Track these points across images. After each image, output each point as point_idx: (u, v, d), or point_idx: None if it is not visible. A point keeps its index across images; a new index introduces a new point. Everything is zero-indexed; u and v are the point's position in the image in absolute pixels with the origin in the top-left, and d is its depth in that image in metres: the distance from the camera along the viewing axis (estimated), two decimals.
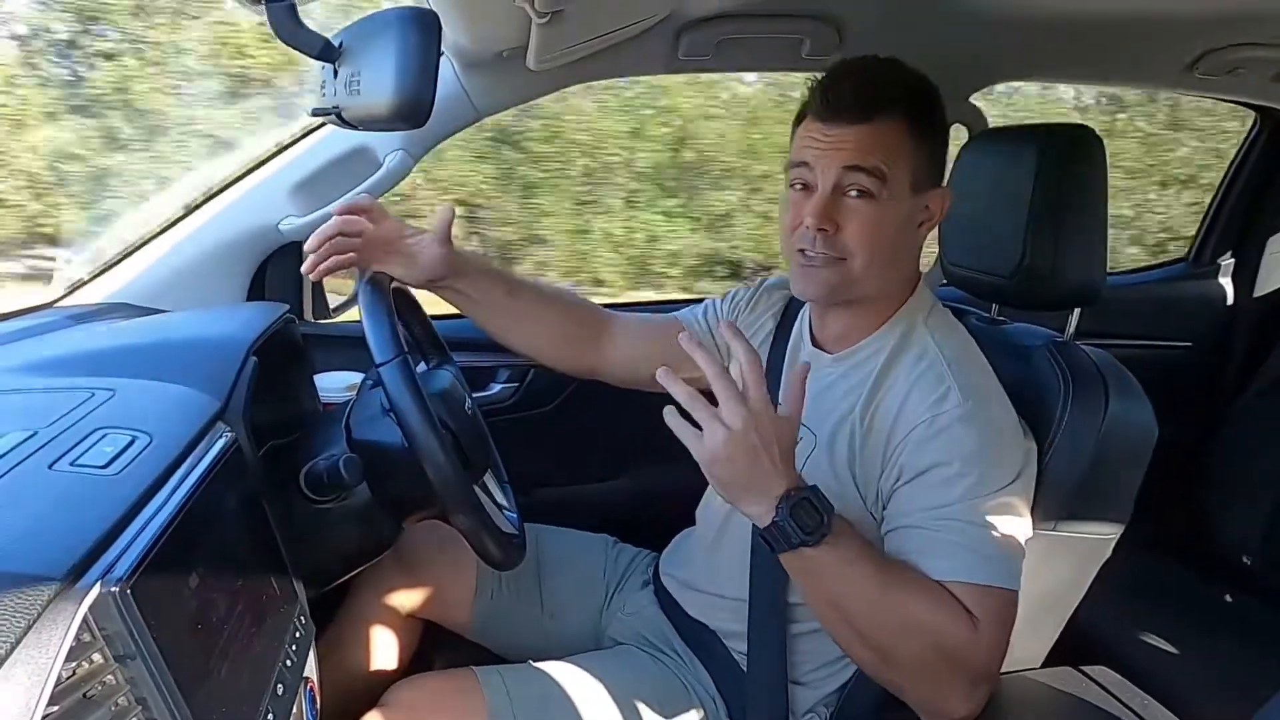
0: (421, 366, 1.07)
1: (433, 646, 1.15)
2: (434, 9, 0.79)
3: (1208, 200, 1.97)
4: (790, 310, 1.05)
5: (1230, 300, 1.88)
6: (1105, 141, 0.97)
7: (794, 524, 0.74)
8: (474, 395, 1.07)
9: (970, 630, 0.76)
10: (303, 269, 0.96)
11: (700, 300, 1.16)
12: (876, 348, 0.91)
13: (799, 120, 0.90)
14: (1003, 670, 0.95)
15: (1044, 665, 1.00)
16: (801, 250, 0.88)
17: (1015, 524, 0.81)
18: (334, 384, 1.22)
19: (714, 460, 0.74)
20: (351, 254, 0.95)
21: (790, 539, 0.74)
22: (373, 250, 0.97)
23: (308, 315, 1.40)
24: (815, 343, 0.98)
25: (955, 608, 0.77)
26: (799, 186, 0.88)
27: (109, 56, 3.43)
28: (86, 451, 0.61)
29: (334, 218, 0.95)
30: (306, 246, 0.95)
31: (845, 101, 0.85)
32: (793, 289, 0.93)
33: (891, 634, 0.77)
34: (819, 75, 0.88)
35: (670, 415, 0.74)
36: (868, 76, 0.86)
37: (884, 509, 0.86)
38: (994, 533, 0.79)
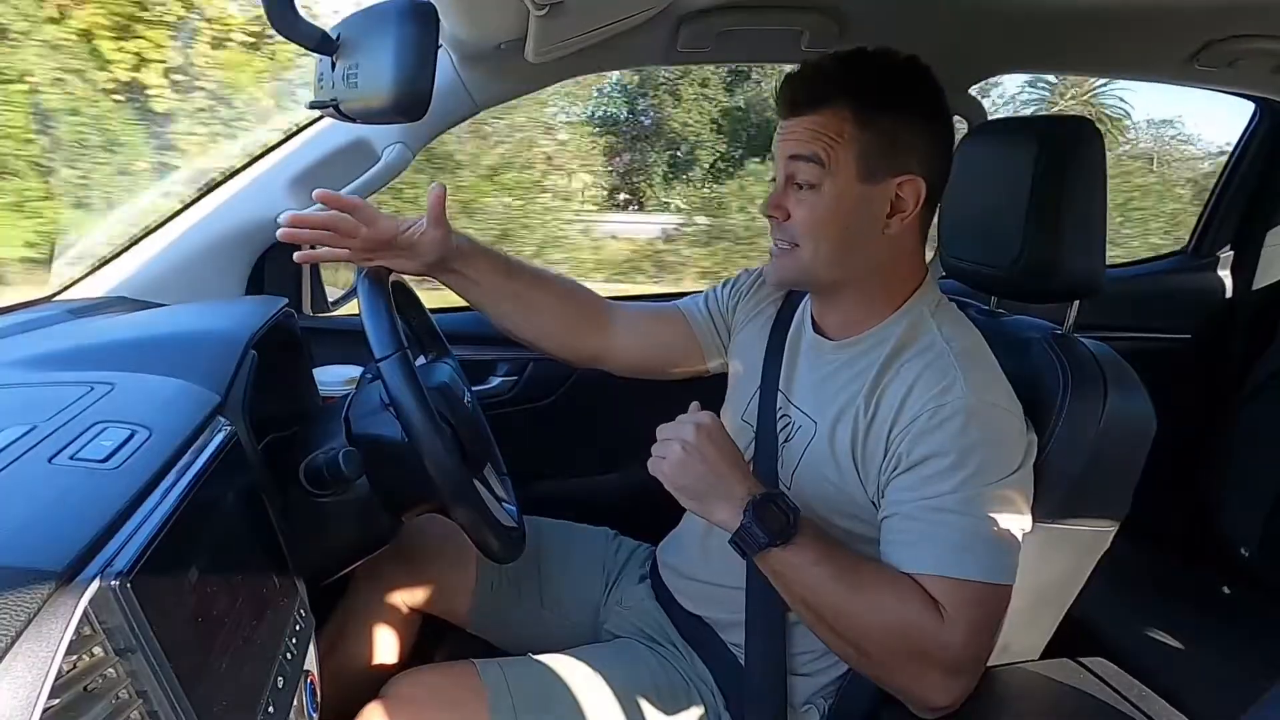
0: (420, 360, 1.07)
1: (432, 639, 1.16)
2: (432, 1, 0.78)
3: None
4: (793, 296, 1.05)
5: (1229, 293, 1.87)
6: None
7: (760, 526, 0.78)
8: (473, 389, 1.06)
9: (938, 623, 0.77)
10: (295, 256, 0.96)
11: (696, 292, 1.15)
12: (881, 337, 0.90)
13: None
14: (1001, 662, 0.96)
15: (1042, 657, 1.01)
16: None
17: (1009, 518, 0.81)
18: (333, 377, 1.22)
19: (674, 471, 0.81)
20: (344, 250, 0.96)
21: (759, 540, 0.78)
22: (370, 251, 0.97)
23: (306, 309, 1.40)
24: (817, 330, 0.98)
25: (922, 602, 0.78)
26: (774, 180, 0.92)
27: None
28: (86, 445, 0.61)
29: (325, 213, 0.95)
30: (287, 220, 0.94)
31: (790, 95, 0.88)
32: None
33: (862, 629, 0.80)
34: None
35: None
36: (818, 70, 0.87)
37: (882, 497, 0.86)
38: (983, 526, 0.80)
